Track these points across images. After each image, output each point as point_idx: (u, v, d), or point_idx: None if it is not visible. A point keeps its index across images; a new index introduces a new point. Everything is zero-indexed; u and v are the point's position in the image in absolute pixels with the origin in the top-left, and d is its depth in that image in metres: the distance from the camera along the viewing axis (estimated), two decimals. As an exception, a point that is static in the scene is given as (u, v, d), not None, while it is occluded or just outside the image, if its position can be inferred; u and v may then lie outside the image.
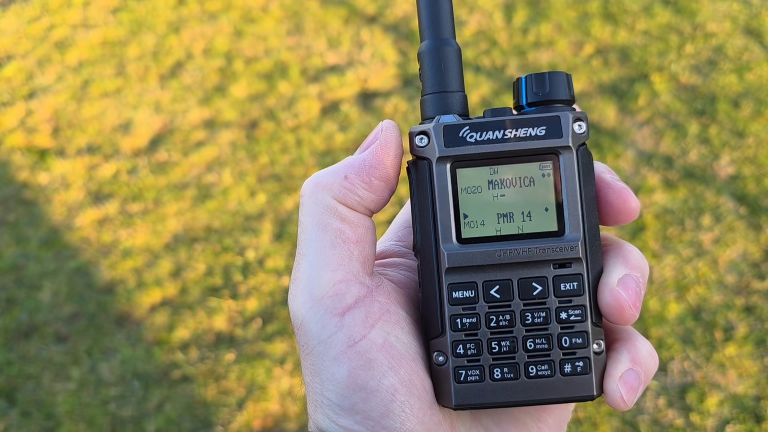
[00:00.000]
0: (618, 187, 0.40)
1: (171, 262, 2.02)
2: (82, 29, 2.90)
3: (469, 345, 0.37)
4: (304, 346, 0.36)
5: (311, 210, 0.38)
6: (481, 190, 0.39)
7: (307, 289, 0.36)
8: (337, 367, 0.35)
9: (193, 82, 2.58)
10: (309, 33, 2.72)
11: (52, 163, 2.36)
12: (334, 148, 2.27)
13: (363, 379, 0.35)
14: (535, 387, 0.37)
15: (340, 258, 0.36)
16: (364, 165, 0.38)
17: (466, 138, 0.38)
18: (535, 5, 2.67)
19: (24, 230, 2.17)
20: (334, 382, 0.35)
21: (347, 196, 0.38)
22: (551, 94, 0.39)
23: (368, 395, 0.35)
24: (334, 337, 0.35)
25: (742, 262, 1.83)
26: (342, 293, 0.36)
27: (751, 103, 2.22)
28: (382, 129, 0.39)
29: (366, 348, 0.35)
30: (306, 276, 0.36)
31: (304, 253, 0.37)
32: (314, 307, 0.36)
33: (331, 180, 0.38)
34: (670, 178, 2.04)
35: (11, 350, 1.86)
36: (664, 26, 2.52)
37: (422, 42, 0.41)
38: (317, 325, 0.36)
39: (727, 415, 1.56)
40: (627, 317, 0.37)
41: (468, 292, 0.38)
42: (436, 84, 0.40)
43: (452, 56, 0.40)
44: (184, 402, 1.71)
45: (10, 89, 2.67)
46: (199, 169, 2.27)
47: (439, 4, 0.40)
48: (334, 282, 0.36)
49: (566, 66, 2.42)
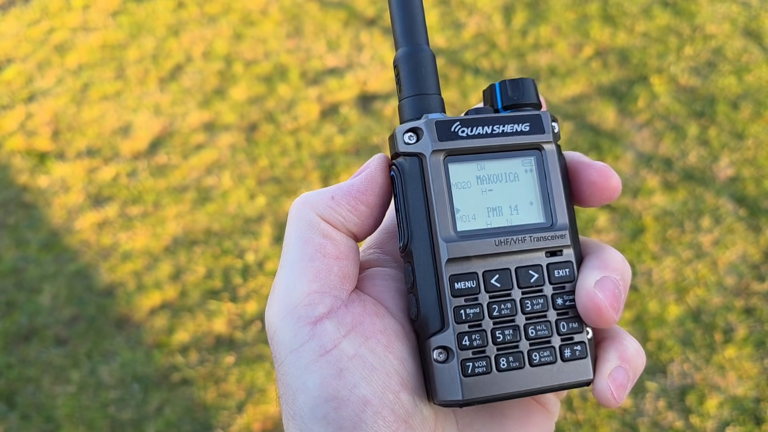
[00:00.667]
0: (599, 166, 0.40)
1: (171, 265, 2.02)
2: (81, 32, 2.91)
3: (474, 336, 0.37)
4: (277, 356, 0.37)
5: (295, 224, 0.38)
6: (470, 185, 0.40)
7: (282, 298, 0.37)
8: (309, 376, 0.35)
9: (193, 85, 2.59)
10: (308, 36, 2.72)
11: (51, 166, 2.36)
12: (334, 150, 2.27)
13: (334, 388, 0.35)
14: (539, 375, 0.38)
15: (318, 271, 0.37)
16: (351, 189, 0.39)
17: (458, 132, 0.40)
18: (535, 7, 2.67)
19: (24, 233, 2.17)
20: (305, 392, 0.35)
21: (331, 215, 0.38)
22: (524, 98, 0.41)
23: (340, 404, 0.34)
24: (305, 346, 0.35)
25: (742, 263, 1.83)
26: (315, 303, 0.36)
27: (750, 104, 2.22)
28: (375, 160, 0.40)
29: (337, 357, 0.35)
30: (282, 286, 0.37)
31: (283, 265, 0.38)
32: (287, 317, 0.36)
33: (317, 199, 0.39)
34: (669, 180, 2.04)
35: (11, 353, 1.86)
36: (664, 28, 2.52)
37: (398, 49, 0.42)
38: (289, 334, 0.36)
39: (726, 417, 1.56)
40: (605, 319, 0.37)
41: (470, 283, 0.38)
42: (415, 87, 0.41)
43: (428, 61, 0.41)
44: (184, 405, 1.71)
45: (10, 92, 2.67)
46: (199, 172, 2.28)
47: (413, 13, 0.41)
48: (309, 292, 0.36)
49: (566, 68, 2.42)
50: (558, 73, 2.40)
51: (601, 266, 0.39)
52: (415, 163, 0.39)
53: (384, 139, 2.28)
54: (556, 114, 2.27)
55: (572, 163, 0.41)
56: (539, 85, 2.37)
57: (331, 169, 2.21)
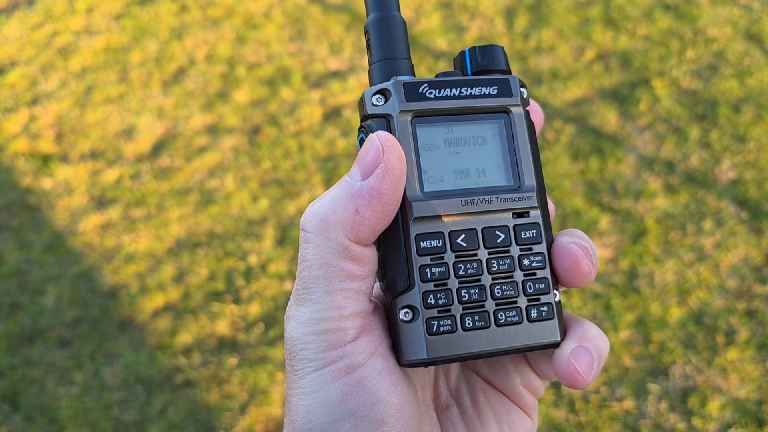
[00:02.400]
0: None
1: (174, 267, 2.02)
2: (85, 35, 2.92)
3: (439, 295, 0.37)
4: (299, 371, 0.36)
5: (321, 249, 0.36)
6: (438, 147, 0.40)
7: (313, 327, 0.36)
8: (331, 392, 0.35)
9: (196, 87, 2.60)
10: (311, 39, 2.73)
11: (55, 169, 2.37)
12: (336, 153, 2.28)
13: (354, 404, 0.35)
14: (505, 335, 0.37)
15: (348, 298, 0.36)
16: (374, 193, 0.36)
17: (425, 94, 0.39)
18: (537, 11, 2.68)
19: (27, 235, 2.18)
20: (324, 405, 0.35)
21: (360, 232, 0.36)
22: (493, 64, 0.41)
23: (357, 421, 0.34)
24: (333, 366, 0.35)
25: (744, 266, 1.83)
26: (347, 328, 0.36)
27: (752, 107, 2.23)
28: (383, 147, 0.36)
29: (363, 375, 0.35)
30: (313, 315, 0.36)
31: (311, 290, 0.36)
32: (317, 342, 0.35)
33: (341, 217, 0.36)
34: (671, 183, 2.04)
35: (15, 354, 1.87)
36: (665, 31, 2.53)
37: (368, 15, 0.42)
38: (318, 355, 0.35)
39: (729, 419, 1.56)
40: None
41: (436, 242, 0.38)
42: (384, 52, 0.40)
43: (398, 26, 0.41)
44: (187, 406, 1.71)
45: (14, 95, 2.69)
46: (202, 175, 2.28)
47: None
48: (341, 320, 0.36)
49: (568, 71, 2.43)
50: (560, 77, 2.41)
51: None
52: (382, 125, 0.39)
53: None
54: (557, 118, 2.27)
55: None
56: (541, 89, 2.37)
57: (333, 172, 2.22)
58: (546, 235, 0.40)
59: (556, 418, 1.60)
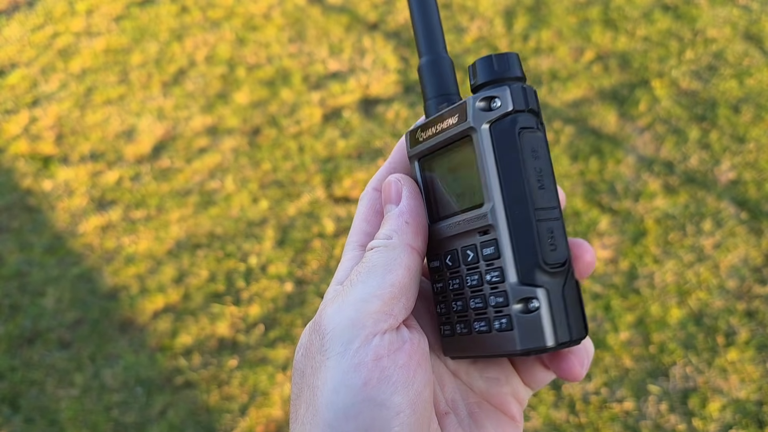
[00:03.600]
0: (577, 242, 0.44)
1: (174, 269, 2.02)
2: (85, 37, 2.92)
3: (441, 306, 0.45)
4: (328, 350, 0.38)
5: (384, 255, 0.41)
6: (435, 181, 0.45)
7: (355, 306, 0.39)
8: (356, 375, 0.37)
9: (196, 89, 2.60)
10: (311, 40, 2.73)
11: (55, 170, 2.37)
12: (336, 154, 2.28)
13: (375, 391, 0.37)
14: (480, 342, 0.42)
15: (391, 296, 0.40)
16: (411, 208, 0.43)
17: (419, 138, 0.45)
18: (536, 12, 2.68)
19: (28, 237, 2.18)
20: (347, 387, 0.37)
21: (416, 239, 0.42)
22: (495, 75, 0.43)
23: (376, 407, 0.36)
24: (361, 350, 0.37)
25: (744, 266, 1.83)
26: (382, 321, 0.39)
27: (751, 108, 2.23)
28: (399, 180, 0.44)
29: (386, 366, 0.37)
30: (358, 298, 0.39)
31: (363, 281, 0.40)
32: (355, 321, 0.38)
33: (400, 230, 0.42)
34: (671, 184, 2.05)
35: (15, 356, 1.87)
36: (664, 32, 2.53)
37: (420, 58, 0.46)
38: (349, 336, 0.38)
39: (729, 420, 1.56)
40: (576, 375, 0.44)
41: (436, 262, 0.45)
42: (434, 89, 0.45)
43: (447, 66, 0.46)
44: (187, 408, 1.71)
45: (14, 97, 2.69)
46: (202, 176, 2.28)
47: (432, 25, 0.46)
48: (380, 310, 0.39)
49: (567, 72, 2.43)
50: (559, 77, 2.41)
51: None
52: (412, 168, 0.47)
53: (386, 142, 2.29)
54: (557, 119, 2.28)
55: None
56: (541, 89, 2.38)
57: (333, 173, 2.22)
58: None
59: (556, 419, 1.60)
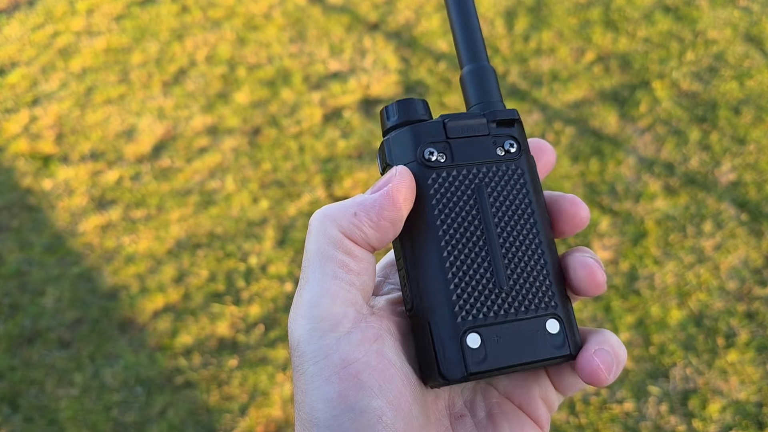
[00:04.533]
0: (570, 197, 0.44)
1: (174, 268, 2.02)
2: (85, 36, 2.92)
3: None
4: (299, 367, 0.38)
5: (317, 239, 0.39)
6: None
7: (307, 314, 0.38)
8: (329, 387, 0.36)
9: (196, 88, 2.60)
10: (311, 40, 2.73)
11: (55, 170, 2.37)
12: (337, 154, 2.28)
13: (352, 399, 0.36)
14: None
15: (340, 287, 0.38)
16: (375, 205, 0.40)
17: None
18: (537, 13, 2.68)
19: (27, 236, 2.18)
20: (325, 402, 0.36)
21: (353, 232, 0.39)
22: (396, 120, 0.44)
23: (356, 416, 0.36)
24: (329, 359, 0.37)
25: (744, 268, 1.83)
26: (339, 319, 0.38)
27: (752, 109, 2.23)
28: (397, 173, 0.41)
29: (359, 370, 0.36)
30: (307, 302, 0.38)
31: (307, 279, 0.39)
32: (312, 330, 0.37)
33: (340, 215, 0.40)
34: (671, 185, 2.05)
35: (14, 356, 1.87)
36: (665, 33, 2.53)
37: (462, 68, 0.46)
38: (313, 347, 0.37)
39: (729, 422, 1.56)
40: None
41: None
42: (477, 97, 0.45)
43: (490, 74, 0.45)
44: (187, 408, 1.71)
45: (14, 96, 2.69)
46: (202, 176, 2.28)
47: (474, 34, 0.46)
48: (333, 308, 0.38)
49: (568, 73, 2.43)
50: (560, 78, 2.41)
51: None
52: None
53: (387, 143, 2.29)
54: (557, 120, 2.28)
55: (549, 197, 0.45)
56: (542, 90, 2.38)
57: (334, 173, 2.22)
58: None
59: (556, 420, 1.60)
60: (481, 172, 0.41)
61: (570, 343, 0.41)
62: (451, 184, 0.41)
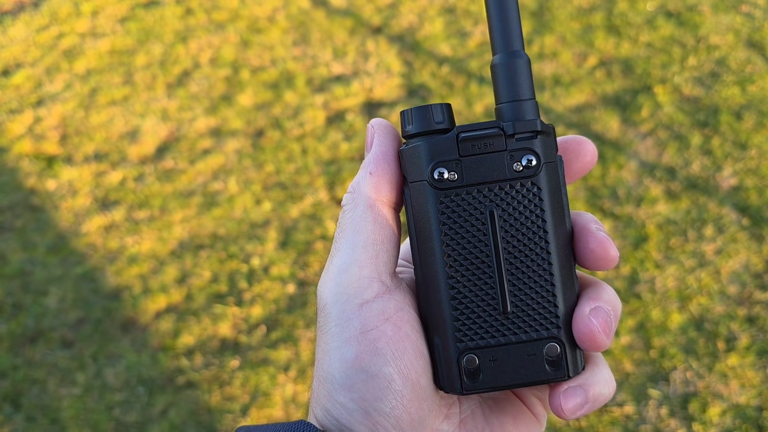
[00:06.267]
0: (600, 237, 0.42)
1: (176, 269, 2.03)
2: (90, 38, 2.94)
3: None
4: (323, 326, 0.41)
5: (352, 213, 0.42)
6: None
7: (336, 279, 0.40)
8: (347, 348, 0.39)
9: (200, 90, 2.61)
10: (315, 43, 2.74)
11: (59, 170, 2.38)
12: (339, 157, 2.29)
13: (366, 363, 0.38)
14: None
15: (368, 257, 0.41)
16: (378, 155, 0.42)
17: None
18: (539, 17, 2.69)
19: (31, 236, 2.19)
20: (342, 361, 0.39)
21: (381, 187, 0.42)
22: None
23: (368, 378, 0.38)
24: (350, 323, 0.39)
25: (745, 272, 1.83)
26: (364, 287, 0.40)
27: (753, 115, 2.24)
28: (373, 126, 0.44)
29: (376, 337, 0.39)
30: (336, 268, 0.41)
31: (339, 248, 0.41)
32: (339, 294, 0.40)
33: (364, 182, 0.42)
34: (672, 189, 2.05)
35: (17, 355, 1.87)
36: (667, 38, 2.54)
37: (494, 56, 0.42)
38: (338, 310, 0.40)
39: (729, 425, 1.56)
40: (599, 343, 0.40)
41: None
42: (505, 94, 0.42)
43: (523, 67, 0.42)
44: (189, 408, 1.72)
45: (19, 97, 2.70)
46: (205, 177, 2.29)
47: (509, 19, 0.41)
48: (360, 277, 0.40)
49: (570, 77, 2.44)
50: (562, 83, 2.42)
51: (596, 298, 0.41)
52: None
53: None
54: (559, 124, 2.28)
55: (579, 226, 0.43)
56: (544, 94, 2.38)
57: (336, 176, 2.23)
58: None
59: (556, 422, 1.61)
60: (493, 193, 0.40)
61: (568, 367, 0.41)
62: (460, 205, 0.41)
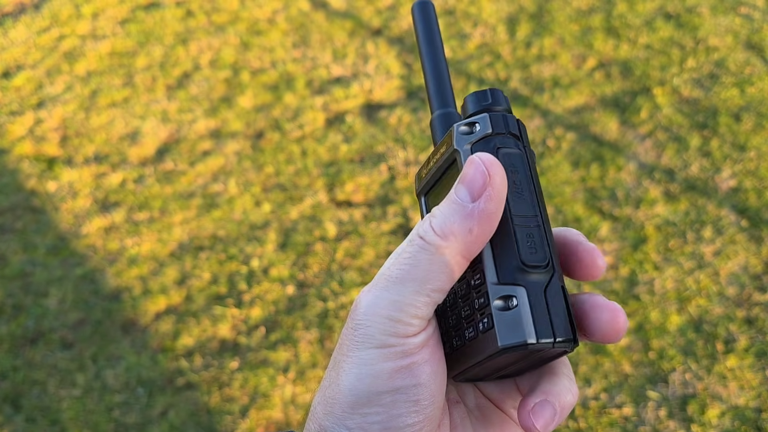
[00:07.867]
0: (589, 247, 0.43)
1: (176, 270, 2.04)
2: (91, 40, 2.94)
3: (441, 325, 0.43)
4: (361, 343, 0.39)
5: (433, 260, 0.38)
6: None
7: (389, 310, 0.38)
8: (383, 367, 0.38)
9: (200, 92, 2.62)
10: (315, 45, 2.75)
11: (60, 172, 2.39)
12: (339, 158, 2.29)
13: (400, 383, 0.38)
14: (470, 349, 0.41)
15: (427, 304, 0.39)
16: (484, 215, 0.38)
17: (422, 175, 0.49)
18: (539, 19, 2.70)
19: (31, 237, 2.19)
20: (375, 377, 0.38)
21: (472, 250, 0.39)
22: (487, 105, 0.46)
23: (398, 396, 0.38)
24: (392, 348, 0.38)
25: (744, 274, 1.84)
26: (414, 325, 0.39)
27: (752, 116, 2.24)
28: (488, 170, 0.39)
29: (414, 361, 0.39)
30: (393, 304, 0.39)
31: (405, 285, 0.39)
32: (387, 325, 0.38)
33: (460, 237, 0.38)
34: (671, 191, 2.06)
35: (17, 356, 1.88)
36: (666, 40, 2.55)
37: (432, 113, 0.49)
38: (381, 335, 0.38)
39: (728, 427, 1.56)
40: None
41: None
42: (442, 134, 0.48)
43: (457, 119, 0.49)
44: (188, 409, 1.72)
45: (20, 98, 2.71)
46: (205, 179, 2.30)
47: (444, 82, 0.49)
48: (414, 317, 0.39)
49: (569, 79, 2.44)
50: (561, 84, 2.42)
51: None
52: None
53: (388, 147, 2.31)
54: (558, 125, 2.29)
55: (568, 240, 0.43)
56: (543, 96, 2.39)
57: (336, 177, 2.24)
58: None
59: (555, 423, 1.61)
60: None
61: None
62: None
